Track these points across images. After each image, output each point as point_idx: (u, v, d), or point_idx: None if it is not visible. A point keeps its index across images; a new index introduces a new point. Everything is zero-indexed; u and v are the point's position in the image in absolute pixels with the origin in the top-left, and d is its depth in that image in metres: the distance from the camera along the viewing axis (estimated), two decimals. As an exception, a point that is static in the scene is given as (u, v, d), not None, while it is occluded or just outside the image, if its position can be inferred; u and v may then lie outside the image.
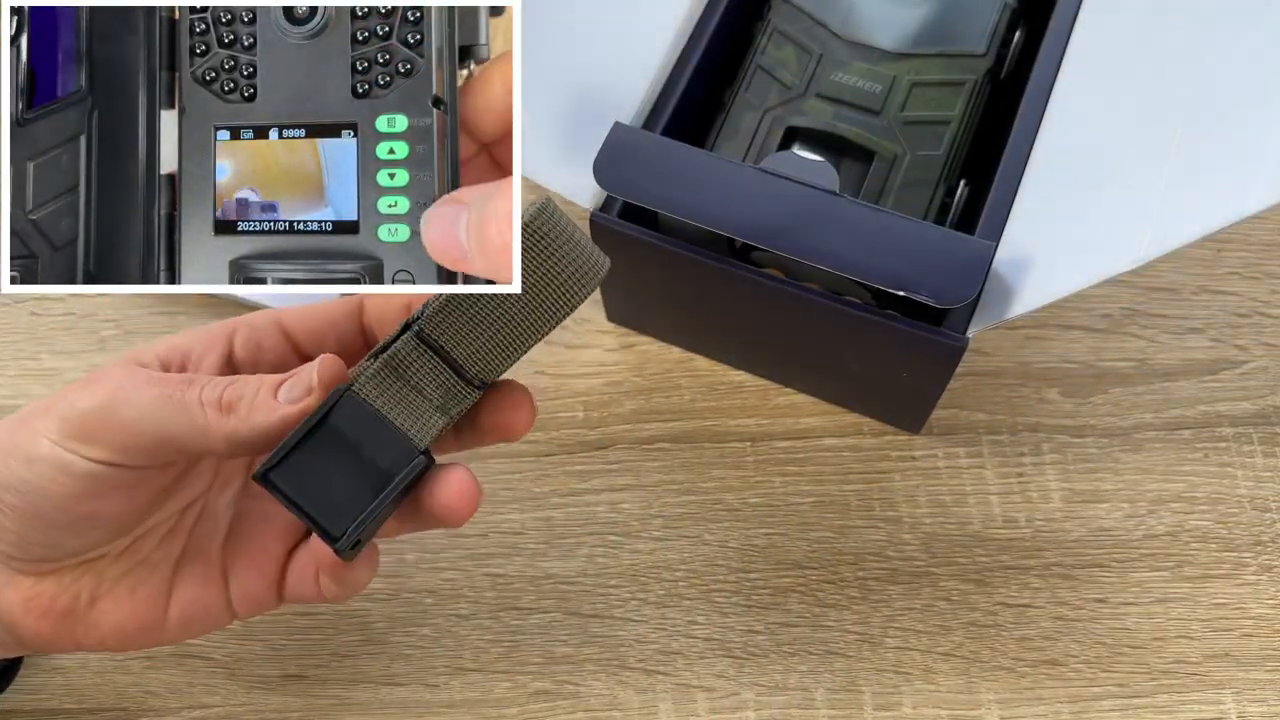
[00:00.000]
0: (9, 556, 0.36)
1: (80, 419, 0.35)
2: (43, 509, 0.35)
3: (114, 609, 0.38)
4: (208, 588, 0.39)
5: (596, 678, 0.44)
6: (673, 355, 0.50)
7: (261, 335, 0.39)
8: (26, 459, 0.35)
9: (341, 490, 0.34)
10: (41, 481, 0.35)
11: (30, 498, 0.35)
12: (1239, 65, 0.41)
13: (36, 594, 0.37)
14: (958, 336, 0.40)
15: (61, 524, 0.36)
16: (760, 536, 0.47)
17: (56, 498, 0.35)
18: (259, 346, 0.39)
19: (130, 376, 0.35)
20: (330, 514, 0.34)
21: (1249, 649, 0.44)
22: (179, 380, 0.35)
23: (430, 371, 0.35)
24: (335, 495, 0.34)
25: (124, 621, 0.38)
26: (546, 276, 0.35)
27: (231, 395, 0.35)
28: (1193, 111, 0.41)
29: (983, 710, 0.44)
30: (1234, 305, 0.51)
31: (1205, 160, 0.39)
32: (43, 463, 0.35)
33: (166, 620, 0.38)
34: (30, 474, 0.35)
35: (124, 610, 0.38)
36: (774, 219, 0.40)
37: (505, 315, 0.35)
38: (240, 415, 0.34)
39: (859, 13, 0.46)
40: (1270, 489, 0.47)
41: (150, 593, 0.38)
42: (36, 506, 0.35)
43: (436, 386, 0.35)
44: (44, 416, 0.35)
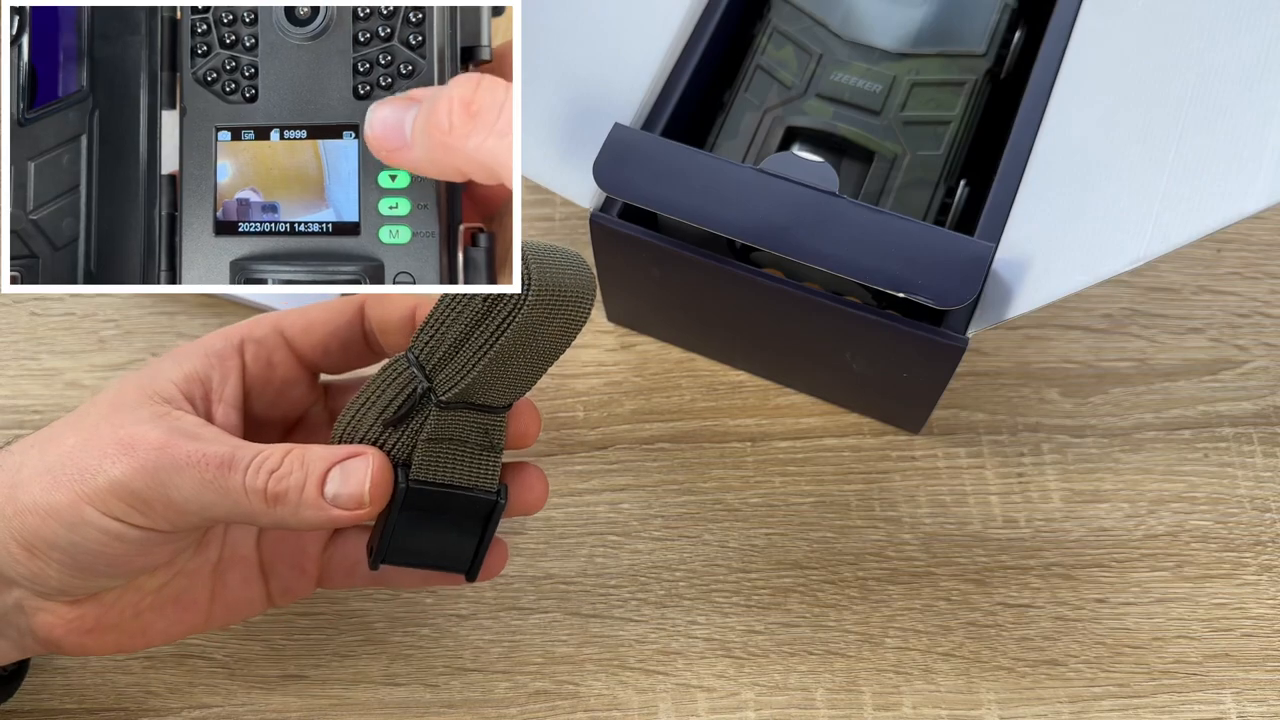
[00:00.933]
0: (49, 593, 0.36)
1: (125, 495, 0.34)
2: (93, 565, 0.35)
3: (158, 619, 0.39)
4: (248, 587, 0.40)
5: (596, 678, 0.44)
6: (673, 355, 0.50)
7: (270, 351, 0.39)
8: (71, 525, 0.34)
9: (447, 543, 0.38)
10: (90, 545, 0.35)
11: (78, 556, 0.35)
12: (1238, 65, 0.41)
13: (78, 616, 0.37)
14: (958, 337, 0.40)
15: (109, 574, 0.36)
16: (760, 536, 0.47)
17: (107, 558, 0.35)
18: (269, 363, 0.39)
19: (166, 450, 0.34)
20: (450, 561, 0.38)
21: (1249, 649, 0.44)
22: (217, 462, 0.34)
23: (467, 424, 0.36)
24: (445, 548, 0.38)
25: (169, 628, 0.39)
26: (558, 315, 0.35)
27: (277, 489, 0.34)
28: (1193, 111, 0.41)
29: (983, 710, 0.44)
30: (1234, 305, 0.51)
31: (1205, 160, 0.39)
32: (90, 528, 0.34)
33: (210, 619, 0.40)
34: (78, 537, 0.35)
35: (168, 619, 0.39)
36: (773, 220, 0.40)
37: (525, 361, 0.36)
38: (289, 509, 0.35)
39: (859, 13, 0.47)
40: (1270, 489, 0.47)
41: (193, 599, 0.39)
42: (85, 562, 0.35)
43: (477, 432, 0.37)
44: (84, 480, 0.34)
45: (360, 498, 0.35)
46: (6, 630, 0.37)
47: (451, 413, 0.36)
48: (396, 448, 0.36)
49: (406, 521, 0.37)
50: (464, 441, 0.36)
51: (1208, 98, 0.41)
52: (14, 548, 0.35)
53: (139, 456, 0.34)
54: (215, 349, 0.38)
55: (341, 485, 0.35)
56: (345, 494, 0.35)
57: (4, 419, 0.49)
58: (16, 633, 0.37)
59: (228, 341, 0.38)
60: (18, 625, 0.37)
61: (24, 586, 0.36)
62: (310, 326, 0.39)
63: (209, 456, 0.34)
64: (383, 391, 0.36)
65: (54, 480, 0.35)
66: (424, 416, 0.36)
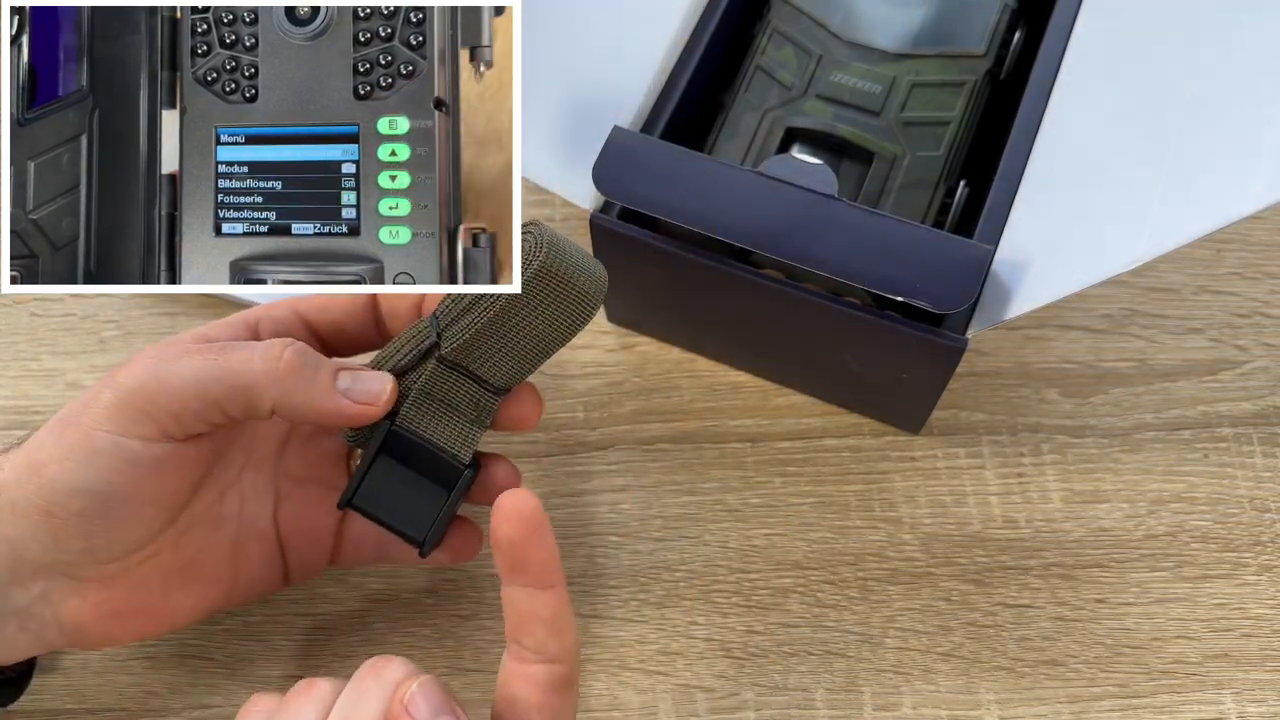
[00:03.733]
0: (73, 569, 0.37)
1: (129, 398, 0.35)
2: (110, 506, 0.36)
3: (184, 597, 0.39)
4: (267, 562, 0.41)
5: (596, 678, 0.44)
6: (673, 355, 0.50)
7: (286, 328, 0.40)
8: (86, 457, 0.35)
9: (411, 503, 0.39)
10: (105, 475, 0.35)
11: (96, 497, 0.36)
12: (1238, 65, 0.41)
13: (108, 598, 0.38)
14: (957, 337, 0.40)
15: (127, 516, 0.37)
16: (760, 536, 0.47)
17: (121, 489, 0.36)
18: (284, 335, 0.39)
19: (165, 348, 0.36)
20: (409, 523, 0.39)
21: (1249, 649, 0.44)
22: (219, 346, 0.36)
23: (460, 389, 0.39)
24: (408, 508, 0.39)
25: (194, 606, 0.40)
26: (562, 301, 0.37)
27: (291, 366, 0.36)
28: (1192, 111, 0.41)
29: (983, 710, 0.44)
30: (1234, 305, 0.51)
31: (1204, 160, 0.40)
32: (104, 456, 0.35)
33: (231, 596, 0.41)
34: (93, 471, 0.35)
35: (193, 597, 0.40)
36: (772, 224, 0.40)
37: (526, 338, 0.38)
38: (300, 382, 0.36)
39: (859, 13, 0.47)
40: (1270, 489, 0.47)
41: (216, 574, 0.40)
42: (103, 505, 0.36)
43: (468, 402, 0.39)
44: (88, 410, 0.36)
45: (377, 393, 0.37)
46: (28, 624, 0.37)
47: (450, 373, 0.38)
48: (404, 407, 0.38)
49: (382, 466, 0.38)
50: (454, 407, 0.38)
51: (1207, 98, 0.41)
52: (35, 515, 0.35)
53: (140, 361, 0.36)
54: (228, 322, 0.39)
55: (354, 382, 0.37)
56: (359, 389, 0.37)
57: (4, 419, 0.49)
58: (39, 625, 0.37)
59: (240, 317, 0.40)
60: (41, 617, 0.37)
61: (50, 569, 0.36)
62: (326, 307, 0.40)
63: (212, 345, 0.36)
64: (403, 344, 0.38)
65: (64, 422, 0.36)
66: (427, 364, 0.38)
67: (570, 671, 0.35)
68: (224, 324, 0.39)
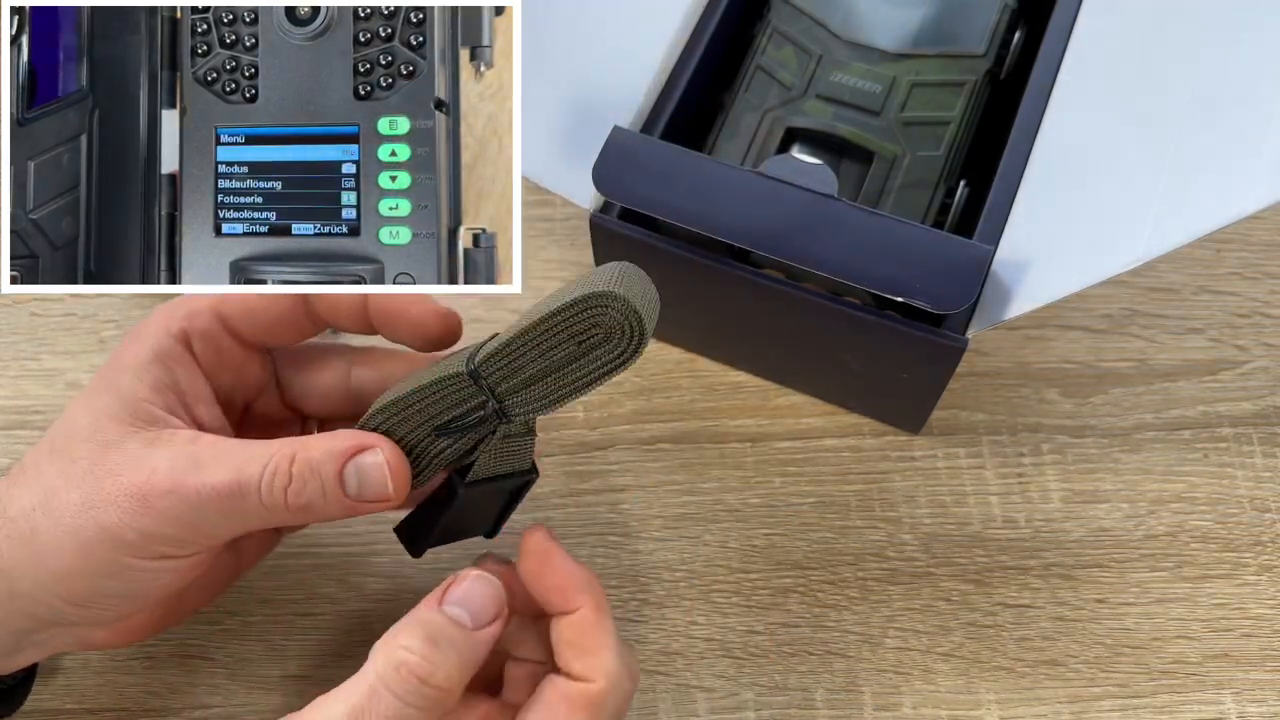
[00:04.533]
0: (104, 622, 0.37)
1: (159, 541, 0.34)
2: (149, 593, 0.36)
3: (197, 596, 0.40)
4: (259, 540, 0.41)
5: (597, 678, 0.44)
6: (673, 355, 0.50)
7: (216, 339, 0.38)
8: (119, 576, 0.35)
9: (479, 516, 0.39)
10: (144, 581, 0.35)
11: (133, 596, 0.35)
12: (1238, 65, 0.41)
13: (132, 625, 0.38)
14: (957, 337, 0.40)
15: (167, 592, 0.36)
16: (760, 537, 0.47)
17: (162, 584, 0.36)
18: (218, 350, 0.38)
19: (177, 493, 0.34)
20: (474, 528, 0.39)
21: (1249, 649, 0.44)
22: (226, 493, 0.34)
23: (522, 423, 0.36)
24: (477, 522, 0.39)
25: (204, 601, 0.40)
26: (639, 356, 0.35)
27: (298, 502, 0.34)
28: (1192, 111, 0.41)
29: (983, 710, 0.44)
30: (1234, 305, 0.51)
31: (1205, 160, 0.40)
32: (139, 572, 0.35)
33: (238, 575, 0.41)
34: (129, 582, 0.35)
35: (206, 593, 0.40)
36: (772, 224, 0.40)
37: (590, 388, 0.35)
38: (316, 513, 0.35)
39: (859, 13, 0.47)
40: (1270, 489, 0.47)
41: (223, 568, 0.40)
42: (142, 596, 0.36)
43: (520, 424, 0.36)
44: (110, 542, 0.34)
45: (384, 494, 0.35)
46: (49, 647, 0.37)
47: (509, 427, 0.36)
48: (445, 454, 0.36)
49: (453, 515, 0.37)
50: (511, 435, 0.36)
51: (1207, 98, 0.41)
52: (61, 605, 0.35)
53: (156, 506, 0.34)
54: (164, 349, 0.37)
55: (361, 486, 0.35)
56: (369, 493, 0.35)
57: (5, 419, 0.49)
58: (61, 646, 0.38)
59: (171, 338, 0.37)
60: (63, 641, 0.37)
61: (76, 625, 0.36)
62: (253, 312, 0.38)
63: (218, 489, 0.34)
64: (435, 399, 0.35)
65: (82, 544, 0.34)
66: (486, 432, 0.36)
67: (600, 692, 0.34)
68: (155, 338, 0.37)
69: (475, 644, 0.34)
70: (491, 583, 0.35)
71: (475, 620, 0.34)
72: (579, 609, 0.36)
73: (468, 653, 0.34)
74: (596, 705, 0.34)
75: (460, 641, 0.34)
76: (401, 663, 0.33)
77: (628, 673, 0.36)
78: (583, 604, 0.36)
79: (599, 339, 0.33)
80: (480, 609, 0.34)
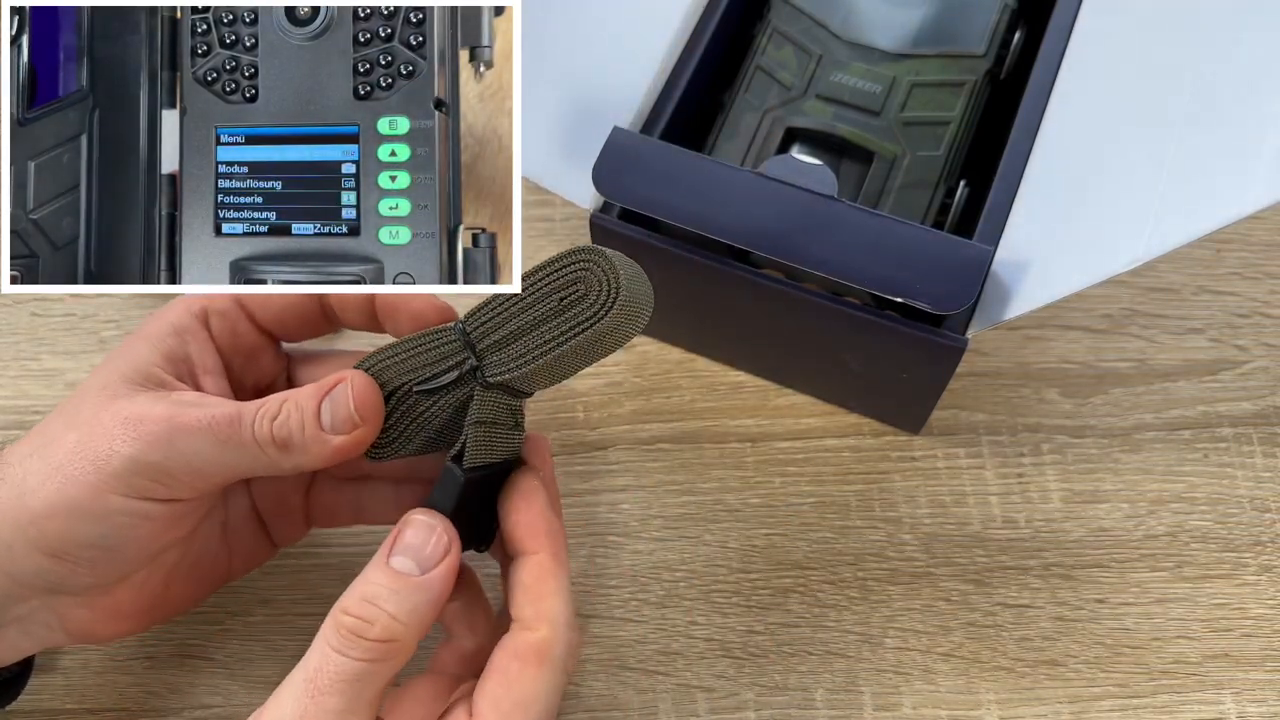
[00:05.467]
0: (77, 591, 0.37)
1: (145, 470, 0.34)
2: (125, 550, 0.36)
3: (187, 587, 0.39)
4: (256, 539, 0.42)
5: (596, 678, 0.44)
6: (673, 355, 0.50)
7: (233, 322, 0.39)
8: (97, 516, 0.35)
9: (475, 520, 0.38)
10: (120, 531, 0.35)
11: (110, 546, 0.35)
12: (1238, 66, 0.41)
13: (112, 603, 0.37)
14: (957, 337, 0.40)
15: (141, 555, 0.36)
16: (760, 537, 0.47)
17: (138, 539, 0.36)
18: (234, 332, 0.39)
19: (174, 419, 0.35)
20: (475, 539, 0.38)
21: (1249, 649, 0.44)
22: (225, 420, 0.35)
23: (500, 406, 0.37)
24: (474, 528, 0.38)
25: (197, 592, 0.40)
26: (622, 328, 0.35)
27: (282, 433, 0.35)
28: (1192, 112, 0.41)
29: (983, 710, 0.44)
30: (1234, 305, 0.51)
31: (1204, 160, 0.40)
32: (117, 515, 0.35)
33: (230, 574, 0.41)
34: (107, 527, 0.35)
35: (196, 585, 0.40)
36: (772, 225, 0.40)
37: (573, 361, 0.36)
38: (297, 450, 0.35)
39: (859, 13, 0.47)
40: (1270, 489, 0.47)
41: (214, 560, 0.40)
42: (117, 550, 0.36)
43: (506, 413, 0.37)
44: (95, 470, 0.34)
45: (350, 418, 0.36)
46: (31, 630, 0.37)
47: (490, 393, 0.36)
48: (427, 414, 0.37)
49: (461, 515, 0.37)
50: (498, 424, 0.37)
51: (1207, 98, 0.41)
52: (39, 558, 0.35)
53: (149, 429, 0.34)
54: (183, 325, 0.38)
55: (333, 413, 0.36)
56: (338, 419, 0.36)
57: (5, 419, 0.49)
58: (42, 629, 0.37)
59: (191, 315, 0.38)
60: (45, 623, 0.37)
61: (52, 591, 0.36)
62: (269, 299, 0.39)
63: (218, 417, 0.35)
64: (419, 353, 0.37)
65: (67, 478, 0.34)
66: (463, 394, 0.36)
67: (545, 641, 0.35)
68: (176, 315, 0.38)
69: (420, 588, 0.34)
70: (432, 526, 0.35)
71: (422, 566, 0.34)
72: (539, 553, 0.36)
73: (411, 599, 0.34)
74: (544, 654, 0.35)
75: (403, 590, 0.34)
76: (340, 623, 0.33)
77: (573, 624, 0.36)
78: (543, 549, 0.36)
79: (577, 295, 0.34)
80: (427, 554, 0.35)
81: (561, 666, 0.35)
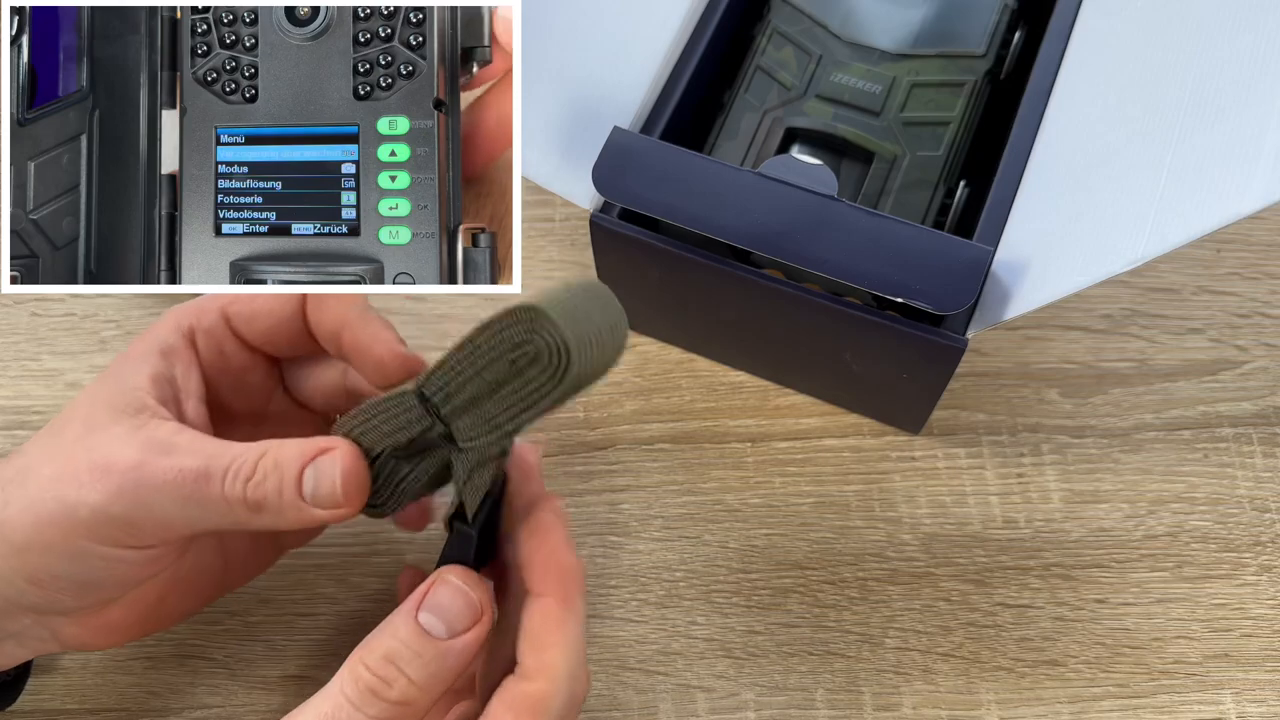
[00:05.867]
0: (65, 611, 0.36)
1: (110, 522, 0.34)
2: (103, 584, 0.36)
3: (181, 600, 0.39)
4: (253, 548, 0.41)
5: (596, 678, 0.44)
6: (673, 355, 0.50)
7: (219, 340, 0.38)
8: (70, 558, 0.34)
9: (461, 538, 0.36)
10: (95, 570, 0.35)
11: (87, 582, 0.35)
12: (1237, 65, 0.41)
13: (104, 622, 0.37)
14: (957, 337, 0.40)
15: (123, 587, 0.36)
16: (760, 537, 0.47)
17: (116, 576, 0.35)
18: (221, 352, 0.38)
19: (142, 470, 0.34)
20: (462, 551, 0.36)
21: (1249, 649, 0.44)
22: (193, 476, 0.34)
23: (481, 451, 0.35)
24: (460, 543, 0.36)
25: (193, 604, 0.39)
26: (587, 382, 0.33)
27: (256, 495, 0.34)
28: (1192, 111, 0.41)
29: (983, 710, 0.44)
30: (1234, 305, 0.51)
31: (1204, 160, 0.39)
32: (90, 557, 0.34)
33: (225, 584, 0.40)
34: (81, 567, 0.35)
35: (191, 597, 0.39)
36: (772, 225, 0.40)
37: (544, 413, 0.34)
38: (271, 514, 0.34)
39: (859, 14, 0.47)
40: (1270, 489, 0.47)
41: (208, 571, 0.39)
42: (96, 584, 0.35)
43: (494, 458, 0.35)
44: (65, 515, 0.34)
45: (335, 497, 0.34)
46: (25, 642, 0.37)
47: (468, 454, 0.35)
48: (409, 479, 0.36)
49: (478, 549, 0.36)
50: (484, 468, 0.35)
51: (1207, 98, 0.41)
52: (21, 583, 0.35)
53: (115, 480, 0.34)
54: (169, 344, 0.37)
55: (316, 485, 0.34)
56: (321, 494, 0.34)
57: (5, 419, 0.49)
58: (36, 641, 0.37)
59: (179, 334, 0.38)
60: (38, 636, 0.37)
61: (40, 610, 0.36)
62: (255, 316, 0.38)
63: (184, 472, 0.33)
64: (389, 419, 0.35)
65: (39, 517, 0.34)
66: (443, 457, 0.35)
67: (542, 695, 0.33)
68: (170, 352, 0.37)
69: (444, 654, 0.33)
70: (465, 592, 0.34)
71: (450, 629, 0.33)
72: (544, 596, 0.34)
73: (434, 664, 0.33)
74: (539, 709, 0.33)
75: (427, 653, 0.33)
76: (359, 677, 0.33)
77: (577, 676, 0.34)
78: (552, 593, 0.34)
79: (528, 358, 0.31)
80: (455, 618, 0.34)
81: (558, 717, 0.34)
